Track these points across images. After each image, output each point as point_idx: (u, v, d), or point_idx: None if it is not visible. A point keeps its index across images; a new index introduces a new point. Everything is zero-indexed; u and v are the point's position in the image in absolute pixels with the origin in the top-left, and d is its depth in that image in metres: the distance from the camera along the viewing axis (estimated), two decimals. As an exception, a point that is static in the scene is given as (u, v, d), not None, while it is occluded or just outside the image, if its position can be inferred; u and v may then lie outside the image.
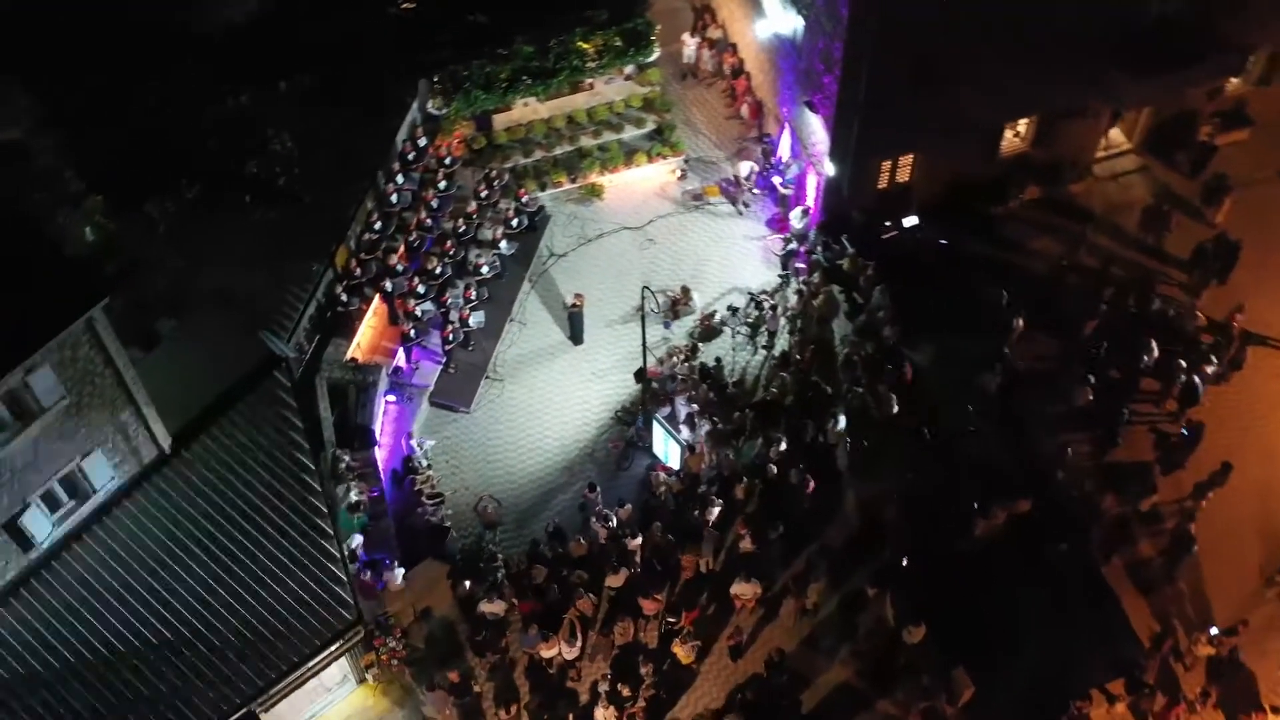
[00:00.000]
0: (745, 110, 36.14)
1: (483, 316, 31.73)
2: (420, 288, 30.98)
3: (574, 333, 31.90)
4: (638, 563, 26.91)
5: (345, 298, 30.14)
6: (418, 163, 33.01)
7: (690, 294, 32.21)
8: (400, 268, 31.24)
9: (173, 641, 23.12)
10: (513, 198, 33.58)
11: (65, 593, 23.40)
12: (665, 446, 29.31)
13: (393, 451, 29.80)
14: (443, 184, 33.00)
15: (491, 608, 26.05)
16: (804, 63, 31.30)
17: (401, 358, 31.06)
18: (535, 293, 33.02)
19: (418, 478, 28.78)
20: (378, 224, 31.42)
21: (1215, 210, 32.07)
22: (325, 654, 24.04)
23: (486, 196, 33.27)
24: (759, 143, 35.37)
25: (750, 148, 35.43)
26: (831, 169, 31.30)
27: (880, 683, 25.35)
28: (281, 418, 25.94)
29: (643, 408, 29.81)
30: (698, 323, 31.99)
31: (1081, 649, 25.31)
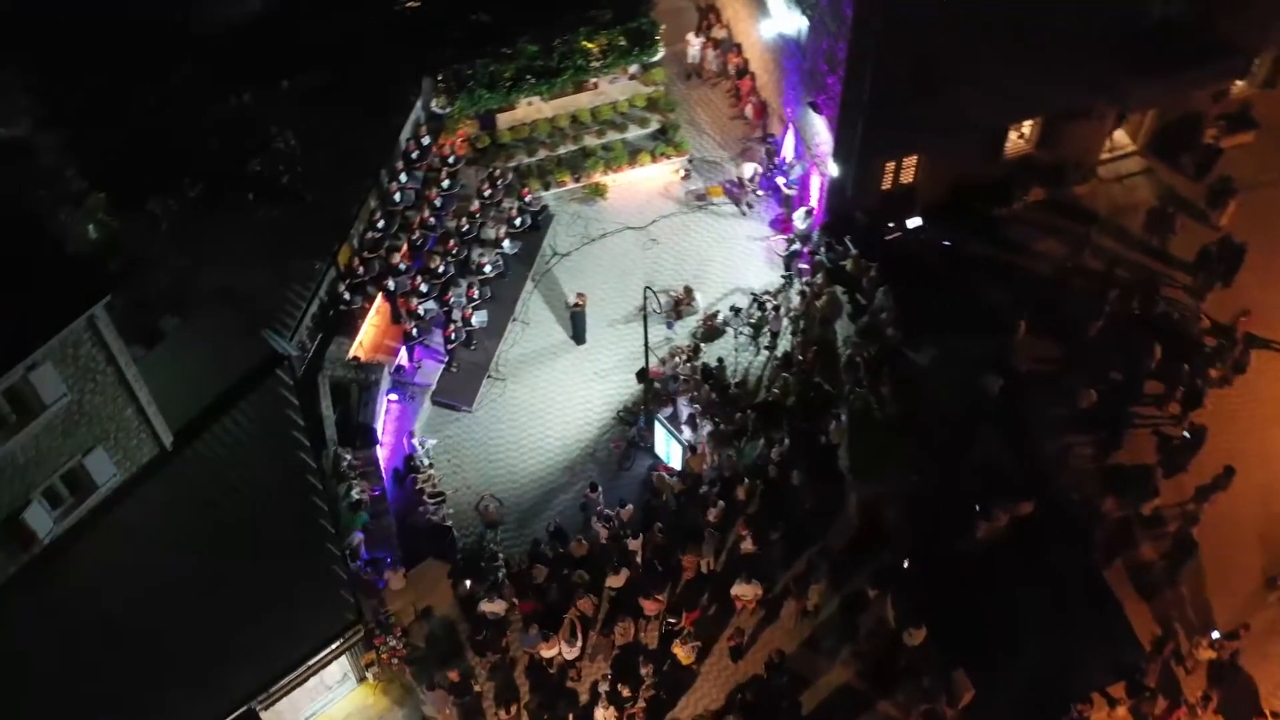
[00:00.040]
0: (749, 110, 36.11)
1: (485, 315, 31.76)
2: (423, 286, 31.00)
3: (576, 332, 31.90)
4: (639, 563, 26.90)
5: (348, 296, 30.16)
6: (421, 161, 33.02)
7: (693, 294, 32.21)
8: (403, 266, 31.25)
9: (172, 638, 23.11)
10: (516, 197, 33.59)
11: (64, 589, 23.40)
12: (667, 447, 29.32)
13: (394, 450, 29.82)
14: (446, 183, 33.01)
15: (492, 607, 26.07)
16: (808, 63, 31.27)
17: (404, 356, 31.09)
18: (538, 292, 33.03)
19: (419, 476, 28.82)
20: (381, 222, 31.43)
21: (1220, 213, 31.99)
22: (326, 652, 24.08)
23: (490, 195, 33.28)
24: (763, 143, 35.35)
25: (754, 148, 35.40)
26: (835, 170, 31.26)
27: (881, 684, 25.33)
28: (283, 416, 25.95)
29: (645, 408, 29.81)
30: (700, 323, 31.99)
31: (1082, 652, 25.27)
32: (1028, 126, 32.27)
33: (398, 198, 32.12)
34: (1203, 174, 32.96)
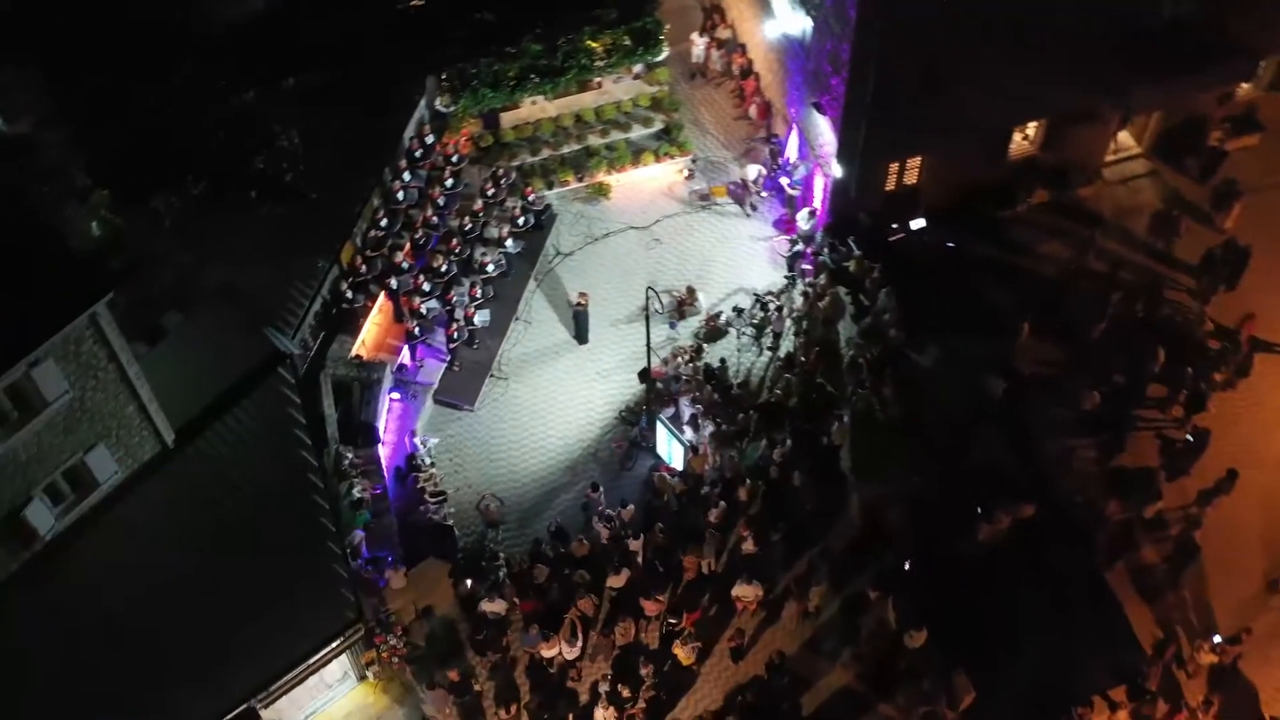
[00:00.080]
0: (753, 111, 36.08)
1: (488, 315, 31.74)
2: (426, 285, 31.00)
3: (579, 332, 31.89)
4: (640, 563, 26.89)
5: (350, 295, 30.18)
6: (425, 160, 33.03)
7: (696, 294, 32.18)
8: (406, 265, 31.25)
9: (173, 636, 23.12)
10: (519, 196, 33.58)
11: (65, 586, 23.41)
12: (669, 447, 29.29)
13: (396, 449, 29.83)
14: (449, 182, 33.02)
15: (493, 607, 26.06)
16: (812, 64, 31.24)
17: (406, 355, 31.09)
18: (541, 291, 33.01)
19: (421, 475, 28.81)
20: (384, 221, 31.44)
21: (1225, 215, 31.90)
22: (326, 650, 24.09)
23: (493, 195, 33.28)
24: (767, 143, 35.31)
25: (758, 148, 35.37)
26: (839, 171, 31.23)
27: (881, 687, 25.28)
28: (285, 414, 25.96)
29: (647, 408, 29.80)
30: (703, 323, 31.96)
31: (1083, 654, 25.23)
32: (1032, 128, 32.23)
33: (401, 196, 32.12)
34: (1207, 177, 32.88)
